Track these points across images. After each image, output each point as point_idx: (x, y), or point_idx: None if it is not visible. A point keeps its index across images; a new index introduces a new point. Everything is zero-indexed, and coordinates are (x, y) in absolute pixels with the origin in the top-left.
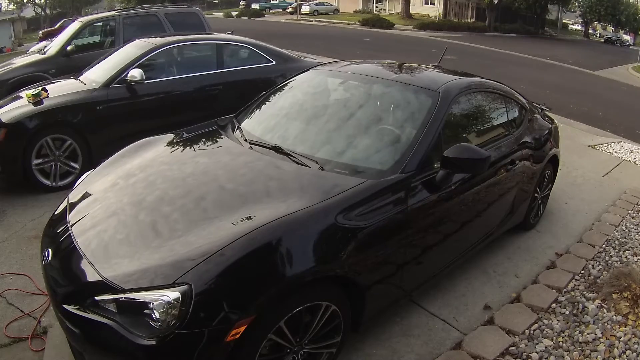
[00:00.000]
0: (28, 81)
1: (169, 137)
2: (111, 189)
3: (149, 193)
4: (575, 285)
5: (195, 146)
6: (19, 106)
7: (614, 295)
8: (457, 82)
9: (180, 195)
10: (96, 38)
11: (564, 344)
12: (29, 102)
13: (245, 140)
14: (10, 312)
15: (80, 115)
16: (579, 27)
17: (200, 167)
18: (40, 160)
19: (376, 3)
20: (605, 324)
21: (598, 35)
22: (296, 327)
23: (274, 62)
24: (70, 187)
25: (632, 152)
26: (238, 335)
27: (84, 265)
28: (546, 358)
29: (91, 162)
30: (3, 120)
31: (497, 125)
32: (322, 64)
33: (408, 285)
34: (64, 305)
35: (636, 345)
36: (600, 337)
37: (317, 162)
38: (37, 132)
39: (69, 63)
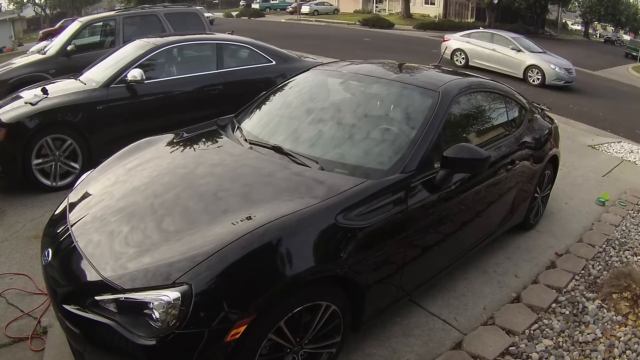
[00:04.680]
0: (28, 81)
1: (169, 137)
2: (111, 189)
3: (149, 193)
4: (575, 285)
5: (195, 146)
6: (19, 106)
7: (614, 295)
8: (457, 82)
9: (180, 195)
10: (96, 38)
11: (564, 344)
12: (29, 102)
13: (245, 140)
14: (10, 312)
15: (80, 115)
16: (579, 27)
17: (200, 167)
18: (40, 160)
19: (376, 3)
20: (605, 324)
21: (598, 35)
22: (296, 327)
23: (274, 62)
24: (70, 187)
25: (632, 152)
26: (238, 335)
27: (84, 265)
28: (546, 358)
29: (91, 162)
30: (3, 120)
31: (497, 125)
32: (322, 64)
33: (408, 285)
34: (64, 305)
35: (636, 345)
36: (600, 337)
37: (317, 162)
38: (37, 132)
39: (69, 63)
